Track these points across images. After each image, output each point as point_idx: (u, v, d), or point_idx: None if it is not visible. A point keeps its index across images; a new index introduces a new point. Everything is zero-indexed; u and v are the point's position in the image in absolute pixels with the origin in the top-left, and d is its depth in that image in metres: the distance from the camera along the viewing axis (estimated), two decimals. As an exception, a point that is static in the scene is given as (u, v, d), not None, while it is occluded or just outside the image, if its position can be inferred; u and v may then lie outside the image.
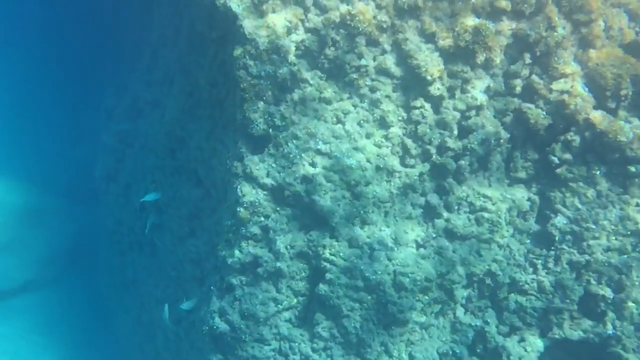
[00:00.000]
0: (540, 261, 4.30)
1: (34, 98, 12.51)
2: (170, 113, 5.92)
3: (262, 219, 4.35)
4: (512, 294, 4.36)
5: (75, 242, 9.94)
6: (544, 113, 4.09)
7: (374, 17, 4.12)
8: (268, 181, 4.31)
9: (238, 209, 4.35)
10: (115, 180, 7.55)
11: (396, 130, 4.28)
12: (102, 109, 8.77)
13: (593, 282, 4.12)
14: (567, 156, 4.07)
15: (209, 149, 5.04)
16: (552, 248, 4.25)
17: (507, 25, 4.05)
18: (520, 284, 4.32)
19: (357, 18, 4.10)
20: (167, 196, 5.73)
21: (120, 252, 7.22)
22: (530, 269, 4.34)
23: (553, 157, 4.13)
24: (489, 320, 4.39)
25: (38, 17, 13.02)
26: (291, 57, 4.22)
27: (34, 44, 12.91)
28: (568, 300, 4.17)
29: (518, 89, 4.18)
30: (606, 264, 4.08)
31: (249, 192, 4.33)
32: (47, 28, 12.80)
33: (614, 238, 4.09)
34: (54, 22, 12.62)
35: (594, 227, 4.10)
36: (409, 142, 4.29)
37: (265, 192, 4.34)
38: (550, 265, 4.26)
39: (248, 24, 4.17)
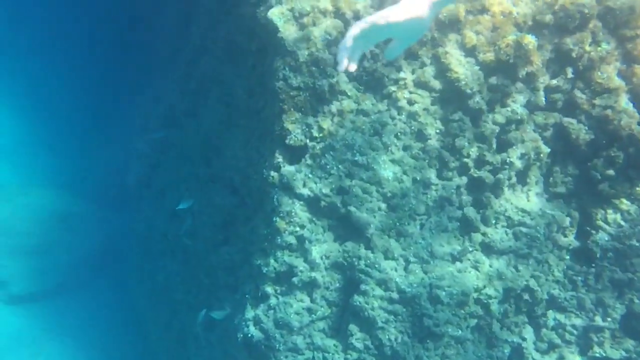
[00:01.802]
0: (580, 278, 4.24)
1: (66, 103, 12.79)
2: (206, 122, 6.01)
3: (298, 229, 4.37)
4: (551, 311, 4.30)
5: (105, 246, 10.10)
6: (586, 128, 4.05)
7: (414, 30, 4.13)
8: (304, 191, 4.33)
9: (274, 219, 4.39)
10: (148, 186, 7.67)
11: (434, 143, 4.27)
12: (136, 117, 8.93)
13: (636, 300, 4.04)
14: (610, 172, 4.01)
15: (245, 158, 5.10)
16: (593, 265, 4.19)
17: (550, 40, 4.02)
18: (560, 300, 4.25)
19: (397, 31, 4.12)
20: (201, 203, 5.80)
21: (152, 257, 7.31)
22: (570, 286, 4.27)
23: (595, 173, 4.07)
24: (526, 337, 4.33)
25: (74, 23, 13.34)
26: (330, 70, 4.25)
27: (68, 51, 13.22)
28: (610, 319, 4.10)
29: (559, 104, 4.14)
30: (650, 283, 4.01)
31: (285, 202, 4.36)
32: (83, 35, 13.10)
33: (657, 256, 4.02)
34: (89, 28, 12.92)
35: (637, 244, 4.03)
36: (446, 154, 4.27)
37: (301, 203, 4.37)
38: (591, 282, 4.19)
39: (289, 37, 4.21)
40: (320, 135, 4.28)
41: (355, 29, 2.10)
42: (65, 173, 11.41)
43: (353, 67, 2.12)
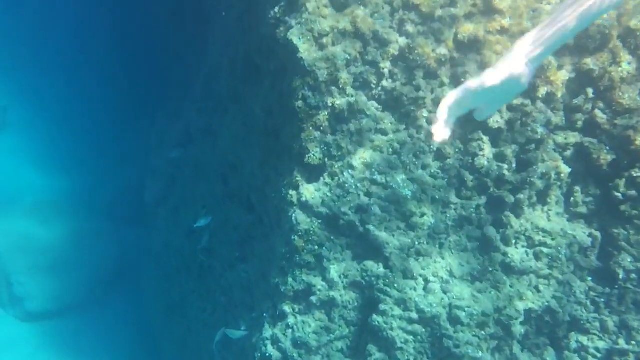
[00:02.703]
0: (603, 299, 4.17)
1: (82, 122, 12.94)
2: (224, 141, 6.06)
3: (317, 247, 4.36)
4: (573, 333, 4.23)
5: (121, 264, 10.15)
6: (607, 148, 4.02)
7: (433, 51, 4.15)
8: (323, 210, 4.33)
9: (293, 237, 4.38)
10: (164, 204, 7.72)
11: (453, 162, 4.26)
12: (153, 134, 9.02)
13: (662, 324, 3.98)
14: (632, 193, 3.97)
15: (263, 176, 5.11)
16: (616, 287, 4.13)
17: (570, 60, 4.02)
18: (582, 322, 4.19)
19: (416, 51, 4.15)
20: (218, 221, 5.82)
21: (167, 275, 7.33)
22: (592, 308, 4.21)
23: (616, 194, 4.03)
24: (547, 359, 4.26)
25: (91, 45, 13.56)
26: (349, 89, 4.28)
27: (83, 70, 13.42)
28: (634, 342, 4.03)
29: (580, 124, 4.12)
30: (675, 306, 3.94)
31: (303, 221, 4.36)
32: (100, 55, 13.31)
33: (683, 278, 3.95)
34: (106, 49, 13.12)
35: (660, 266, 3.97)
36: (465, 174, 4.26)
37: (319, 221, 4.36)
38: (614, 304, 4.13)
39: (308, 57, 4.25)
40: (339, 154, 4.29)
41: (449, 99, 2.09)
42: (81, 191, 11.51)
43: (447, 135, 2.09)
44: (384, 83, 4.26)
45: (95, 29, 13.55)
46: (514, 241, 4.27)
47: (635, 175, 3.94)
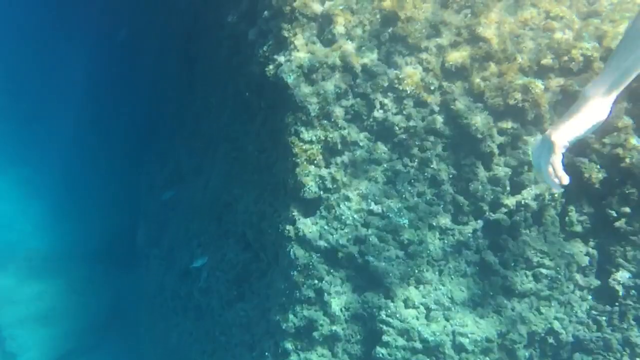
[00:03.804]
0: (604, 318, 4.17)
1: (70, 167, 12.89)
2: (216, 179, 6.06)
3: (316, 281, 4.34)
4: (577, 353, 4.21)
5: (114, 309, 9.97)
6: (598, 166, 4.08)
7: (422, 80, 4.23)
8: (321, 243, 4.33)
9: (292, 272, 4.36)
10: (157, 245, 7.65)
11: (448, 188, 4.29)
12: (143, 176, 8.99)
13: (666, 339, 3.97)
14: (626, 209, 4.01)
15: (258, 212, 5.11)
16: (616, 304, 4.13)
17: (556, 82, 4.11)
18: (585, 342, 4.17)
19: (405, 81, 4.22)
20: (214, 260, 5.77)
21: (164, 317, 7.22)
22: (595, 327, 4.20)
23: (610, 211, 4.08)
24: (554, 382, 4.23)
25: (78, 86, 13.61)
26: (341, 122, 4.33)
27: (71, 111, 13.44)
28: (638, 359, 4.01)
29: (569, 144, 4.19)
30: (676, 320, 3.95)
31: (302, 255, 4.35)
32: (86, 96, 13.35)
33: (682, 292, 3.97)
34: (94, 89, 13.16)
35: (659, 281, 4.00)
36: (460, 199, 4.29)
37: (318, 255, 4.36)
38: (616, 321, 4.13)
39: (300, 93, 4.31)
40: (334, 186, 4.31)
41: (558, 150, 2.09)
42: (72, 237, 11.38)
43: (565, 178, 2.09)
44: (375, 114, 4.32)
45: (80, 74, 13.63)
46: (512, 264, 4.28)
47: (627, 192, 3.99)
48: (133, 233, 8.78)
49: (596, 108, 1.79)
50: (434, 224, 4.28)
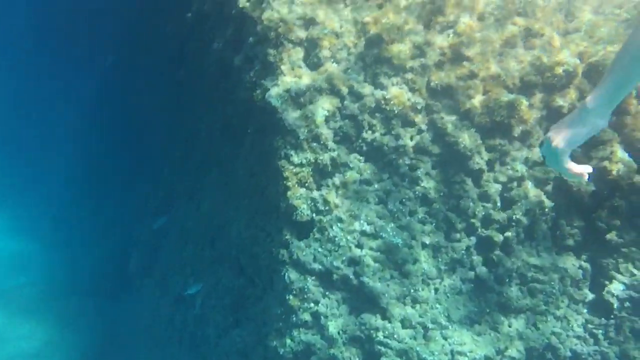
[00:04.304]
0: (600, 331, 4.18)
1: (59, 196, 12.79)
2: (207, 204, 6.04)
3: (312, 305, 4.32)
4: (576, 368, 4.21)
5: (107, 340, 9.81)
6: (586, 180, 4.11)
7: (408, 100, 4.28)
8: (316, 266, 4.31)
9: (287, 297, 4.34)
10: (150, 273, 7.58)
11: (439, 206, 4.31)
12: (133, 203, 8.95)
13: (663, 350, 3.98)
14: (616, 222, 4.05)
15: (251, 237, 5.09)
16: (612, 316, 4.14)
17: (540, 98, 4.17)
18: (583, 356, 4.17)
19: (391, 102, 4.26)
20: (208, 286, 5.73)
21: (159, 346, 7.12)
22: (591, 340, 4.20)
23: (600, 224, 4.11)
24: (554, 397, 4.21)
25: (66, 113, 13.59)
26: (331, 144, 4.35)
27: (61, 142, 13.39)
28: (637, 371, 4.02)
29: (556, 158, 4.23)
30: (672, 330, 3.96)
31: (297, 279, 4.33)
32: (74, 123, 13.31)
33: (676, 302, 3.99)
34: (82, 116, 13.14)
35: (653, 292, 4.02)
36: (452, 216, 4.31)
37: (313, 278, 4.34)
38: (612, 334, 4.13)
39: (288, 116, 4.34)
40: (327, 208, 4.32)
41: (563, 157, 2.11)
42: (62, 270, 11.25)
43: (585, 173, 2.10)
44: (364, 135, 4.35)
45: (68, 104, 13.62)
46: (507, 280, 4.29)
47: (616, 204, 4.03)
48: (125, 263, 8.70)
49: (596, 119, 1.83)
50: (427, 242, 4.28)
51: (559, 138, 1.94)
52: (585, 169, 2.05)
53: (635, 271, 4.07)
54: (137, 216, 8.53)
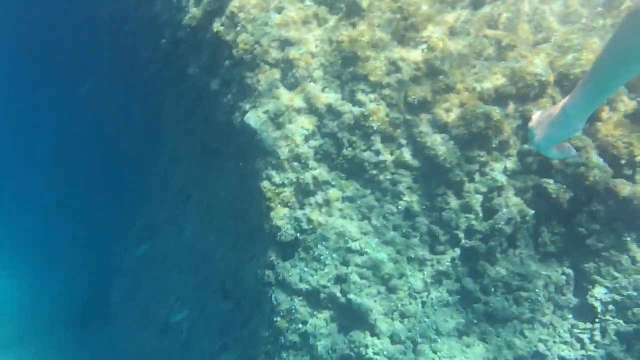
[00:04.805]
0: (586, 335, 4.22)
1: (37, 228, 12.56)
2: (190, 229, 5.99)
3: (301, 325, 4.29)
4: (565, 374, 4.23)
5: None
6: (564, 187, 4.19)
7: (387, 115, 4.32)
8: (302, 286, 4.30)
9: (275, 319, 4.30)
10: (134, 301, 7.46)
11: (422, 220, 4.34)
12: (113, 232, 8.83)
13: (648, 351, 4.03)
14: (595, 227, 4.11)
15: (236, 260, 5.06)
16: (597, 320, 4.19)
17: (515, 108, 4.25)
18: (572, 361, 4.21)
19: (370, 118, 4.30)
20: (194, 312, 5.66)
21: (145, 377, 6.98)
22: (578, 345, 4.24)
23: (581, 229, 4.17)
24: (546, 405, 4.22)
25: (41, 144, 13.41)
26: (312, 163, 4.37)
27: (38, 172, 13.19)
28: (625, 374, 4.06)
29: (534, 167, 4.31)
30: (656, 331, 4.02)
31: (284, 300, 4.30)
32: (50, 154, 13.13)
33: (658, 303, 4.05)
34: (57, 146, 12.98)
35: (635, 294, 4.07)
36: (436, 229, 4.34)
37: (300, 298, 4.32)
38: (598, 338, 4.17)
39: (267, 137, 4.35)
40: (311, 227, 4.32)
41: (544, 151, 2.12)
42: (43, 303, 10.99)
43: (570, 152, 2.09)
44: (345, 152, 4.38)
45: (45, 131, 13.46)
46: (493, 290, 4.31)
47: (595, 209, 4.10)
48: (107, 293, 8.55)
49: (575, 123, 1.87)
50: (413, 256, 4.30)
51: (540, 135, 1.98)
52: (567, 149, 2.08)
53: (616, 274, 4.13)
54: (118, 245, 8.41)
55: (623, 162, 4.05)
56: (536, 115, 2.06)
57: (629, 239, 4.08)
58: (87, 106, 11.80)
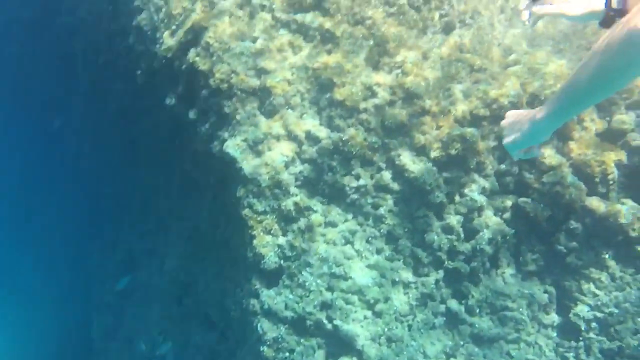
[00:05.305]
0: (572, 354, 4.25)
1: (11, 266, 12.28)
2: (171, 260, 5.92)
3: (287, 354, 4.24)
4: (552, 391, 4.25)
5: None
6: (542, 205, 4.27)
7: (365, 139, 4.37)
8: (288, 314, 4.26)
9: (261, 348, 4.25)
10: (115, 337, 7.30)
11: (405, 242, 4.36)
12: (92, 266, 8.66)
13: (632, 367, 4.07)
14: (574, 244, 4.18)
15: (219, 290, 5.01)
16: (580, 338, 4.23)
17: (490, 129, 4.33)
18: (558, 379, 4.23)
19: (349, 143, 4.34)
20: (178, 345, 5.56)
21: (128, 415, 6.81)
22: (564, 362, 4.27)
23: (560, 247, 4.24)
24: (535, 423, 4.22)
25: (18, 181, 13.18)
26: (293, 189, 4.37)
27: (9, 201, 12.92)
28: (610, 390, 4.09)
29: (511, 186, 4.38)
30: (639, 348, 4.06)
31: (270, 329, 4.26)
32: (22, 187, 12.90)
33: (639, 320, 4.10)
34: (33, 182, 12.75)
35: (616, 311, 4.12)
36: (418, 251, 4.36)
37: (286, 326, 4.28)
38: (583, 356, 4.21)
39: (247, 165, 4.35)
40: (294, 253, 4.30)
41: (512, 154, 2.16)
42: (21, 345, 10.70)
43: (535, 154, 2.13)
44: (325, 177, 4.40)
45: (17, 165, 13.24)
46: (477, 310, 4.34)
47: (572, 227, 4.18)
48: (87, 329, 8.34)
49: (539, 135, 1.93)
50: (397, 279, 4.31)
51: (508, 138, 2.04)
52: (531, 151, 2.14)
53: (597, 292, 4.19)
54: (98, 279, 8.24)
55: (597, 180, 4.15)
56: (509, 115, 2.10)
57: (607, 256, 4.15)
58: (61, 139, 11.66)
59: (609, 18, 2.02)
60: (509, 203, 4.38)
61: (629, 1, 1.73)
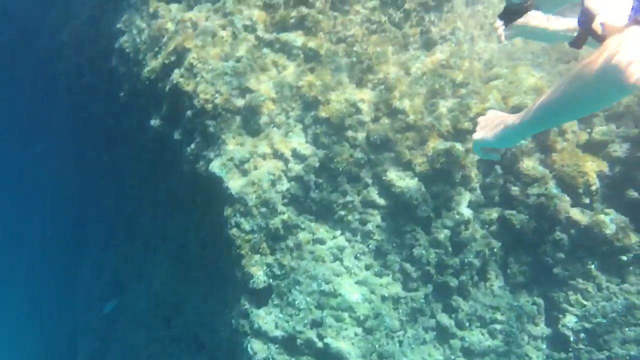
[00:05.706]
0: (562, 364, 4.27)
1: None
2: (159, 281, 5.86)
3: (278, 374, 4.20)
4: (544, 404, 4.26)
5: None
6: (527, 217, 4.31)
7: (351, 156, 4.39)
8: (278, 333, 4.23)
9: (252, 369, 4.21)
10: (101, 362, 7.18)
11: (393, 257, 4.37)
12: (77, 290, 8.54)
13: (621, 377, 4.09)
14: (560, 255, 4.22)
15: (208, 311, 4.96)
16: (570, 349, 4.25)
17: (474, 144, 4.38)
18: (550, 390, 4.24)
19: (335, 160, 4.36)
20: (166, 369, 5.49)
21: None
22: (555, 373, 4.29)
23: (546, 258, 4.27)
24: None
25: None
26: (280, 207, 4.37)
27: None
28: (601, 401, 4.10)
29: (497, 199, 4.43)
30: (627, 357, 4.09)
31: (260, 349, 4.22)
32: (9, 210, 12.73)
33: (627, 329, 4.13)
34: (18, 205, 12.59)
35: (604, 321, 4.15)
36: (407, 266, 4.37)
37: (276, 345, 4.24)
38: (573, 366, 4.23)
39: (234, 185, 4.34)
40: (283, 272, 4.29)
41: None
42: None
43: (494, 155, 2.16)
44: (312, 194, 4.40)
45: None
46: (467, 324, 4.34)
47: (558, 238, 4.22)
48: (73, 354, 8.18)
49: (508, 142, 1.97)
50: (386, 294, 4.30)
51: (479, 134, 2.06)
52: (492, 153, 2.18)
53: (584, 302, 4.23)
54: (83, 303, 8.11)
55: (580, 190, 4.20)
56: (489, 113, 2.14)
57: (592, 266, 4.19)
58: (43, 162, 11.54)
59: (579, 39, 2.08)
60: (495, 215, 4.42)
61: (607, 27, 1.78)
